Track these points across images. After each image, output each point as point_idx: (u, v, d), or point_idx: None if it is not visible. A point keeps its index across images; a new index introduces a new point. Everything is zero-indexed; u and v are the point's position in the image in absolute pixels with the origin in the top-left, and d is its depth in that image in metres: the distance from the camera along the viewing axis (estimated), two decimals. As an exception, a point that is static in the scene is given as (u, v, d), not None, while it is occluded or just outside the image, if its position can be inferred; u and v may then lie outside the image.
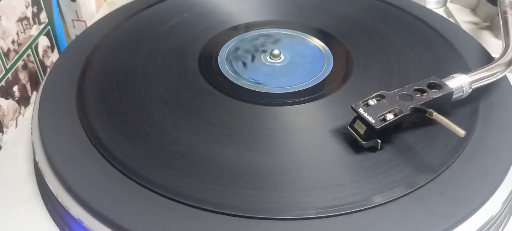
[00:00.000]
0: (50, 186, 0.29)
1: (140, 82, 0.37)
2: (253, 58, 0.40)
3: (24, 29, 0.42)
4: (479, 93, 0.34)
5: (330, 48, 0.41)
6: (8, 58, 0.39)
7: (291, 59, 0.40)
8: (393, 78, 0.37)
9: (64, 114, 0.33)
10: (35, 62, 0.44)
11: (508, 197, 0.29)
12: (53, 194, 0.29)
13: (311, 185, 0.28)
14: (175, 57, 0.40)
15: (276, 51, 0.39)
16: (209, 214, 0.26)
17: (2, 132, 0.39)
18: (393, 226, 0.26)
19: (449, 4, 0.55)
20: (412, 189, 0.27)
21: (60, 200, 0.28)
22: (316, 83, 0.37)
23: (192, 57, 0.40)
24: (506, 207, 0.29)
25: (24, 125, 0.40)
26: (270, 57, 0.40)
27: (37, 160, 0.31)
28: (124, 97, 0.35)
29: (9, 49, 0.39)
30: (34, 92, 0.44)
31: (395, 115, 0.29)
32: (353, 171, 0.29)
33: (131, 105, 0.34)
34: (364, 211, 0.26)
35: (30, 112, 0.42)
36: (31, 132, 0.34)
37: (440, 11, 0.54)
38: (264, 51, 0.41)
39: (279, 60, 0.40)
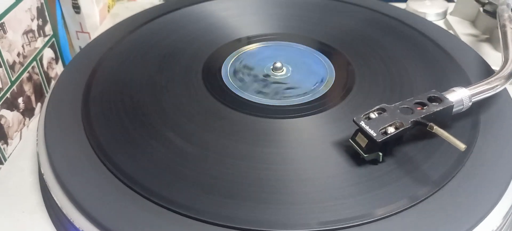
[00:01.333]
0: (55, 198, 0.29)
1: (145, 94, 0.37)
2: (255, 70, 0.40)
3: (29, 42, 0.43)
4: (479, 106, 0.35)
5: (331, 61, 0.41)
6: (14, 71, 0.40)
7: (293, 72, 0.40)
8: (394, 91, 0.38)
9: (69, 125, 0.34)
10: (40, 74, 0.45)
11: (509, 210, 0.29)
12: (58, 206, 0.29)
13: (312, 199, 0.28)
14: (179, 69, 0.40)
15: (278, 64, 0.40)
16: (209, 226, 0.26)
17: (7, 144, 0.39)
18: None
19: (448, 17, 0.56)
20: (414, 203, 0.27)
21: (65, 212, 0.28)
22: (318, 96, 0.37)
23: (195, 69, 0.40)
24: (507, 220, 0.29)
25: (28, 136, 0.41)
26: (272, 70, 0.40)
27: (42, 171, 0.31)
28: (129, 109, 0.35)
29: (14, 62, 0.40)
30: (39, 104, 0.44)
31: (396, 128, 0.29)
32: (355, 184, 0.29)
33: (136, 117, 0.34)
34: (366, 225, 0.26)
35: (34, 124, 0.42)
36: (37, 143, 0.34)
37: (440, 23, 0.55)
38: (266, 64, 0.41)
39: (282, 73, 0.40)
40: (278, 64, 0.40)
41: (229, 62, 0.41)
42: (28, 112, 0.42)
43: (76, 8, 0.53)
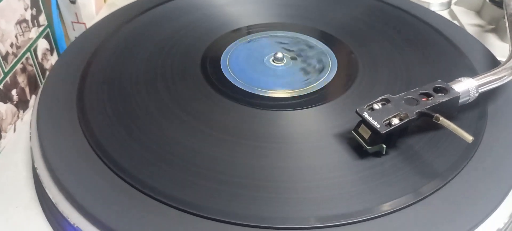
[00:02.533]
0: (48, 193, 0.29)
1: (142, 85, 0.36)
2: (256, 61, 0.39)
3: (23, 32, 0.41)
4: (486, 97, 0.34)
5: (334, 51, 0.40)
6: (7, 62, 0.39)
7: (294, 62, 0.39)
8: (398, 82, 0.37)
9: (63, 118, 0.33)
10: (34, 66, 0.43)
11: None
12: (52, 201, 0.28)
13: (314, 193, 0.27)
14: (176, 60, 0.39)
15: (279, 55, 0.39)
16: (206, 221, 0.26)
17: (1, 137, 0.38)
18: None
19: (453, 7, 0.54)
20: (420, 198, 0.27)
21: (58, 207, 0.28)
22: (320, 87, 0.36)
23: (194, 60, 0.39)
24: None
25: (22, 129, 0.40)
26: (273, 61, 0.39)
27: (35, 166, 0.31)
28: (125, 101, 0.34)
29: (7, 53, 0.39)
30: (33, 96, 0.43)
31: (400, 120, 0.28)
32: (358, 179, 0.28)
33: (132, 109, 0.34)
34: (370, 221, 0.26)
35: (28, 116, 0.41)
36: (30, 137, 0.33)
37: (444, 14, 0.54)
38: (267, 54, 0.40)
39: (283, 64, 0.39)
40: (279, 55, 0.39)
41: (228, 53, 0.40)
42: (22, 104, 0.41)
43: (72, -3, 0.52)
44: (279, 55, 0.39)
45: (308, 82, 0.37)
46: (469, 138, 0.26)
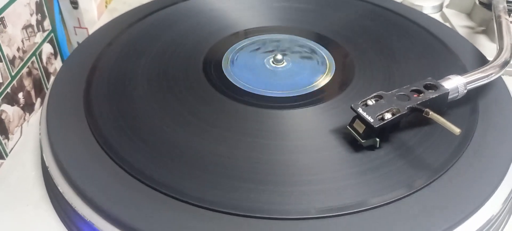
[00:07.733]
0: (60, 189, 0.30)
1: (145, 86, 0.37)
2: (256, 63, 0.41)
3: (28, 37, 0.43)
4: (477, 94, 0.35)
5: (332, 54, 0.42)
6: (14, 65, 0.40)
7: (293, 64, 0.41)
8: (392, 81, 0.38)
9: (71, 118, 0.34)
10: (39, 69, 0.45)
11: (508, 196, 0.29)
12: (63, 197, 0.29)
13: (312, 186, 0.29)
14: (179, 63, 0.40)
15: (279, 56, 0.40)
16: (212, 213, 0.27)
17: (8, 139, 0.39)
18: (393, 228, 0.26)
19: (445, 9, 0.56)
20: (413, 191, 0.28)
21: (70, 202, 0.29)
22: (319, 87, 0.38)
23: (196, 62, 0.40)
24: (506, 206, 0.29)
25: (29, 131, 0.41)
26: (273, 62, 0.40)
27: (46, 164, 0.32)
28: (130, 102, 0.35)
29: (14, 57, 0.40)
30: (38, 99, 0.44)
31: (393, 114, 0.30)
32: (354, 173, 0.29)
33: (137, 108, 0.35)
34: (365, 212, 0.27)
35: (34, 119, 0.42)
36: (40, 135, 0.34)
37: (436, 16, 0.55)
38: (267, 56, 0.41)
39: (282, 65, 0.40)
40: (279, 57, 0.40)
41: (229, 55, 0.42)
42: (28, 107, 0.42)
43: (74, 3, 0.53)
44: (279, 57, 0.40)
45: (306, 83, 0.38)
46: (456, 130, 0.27)
